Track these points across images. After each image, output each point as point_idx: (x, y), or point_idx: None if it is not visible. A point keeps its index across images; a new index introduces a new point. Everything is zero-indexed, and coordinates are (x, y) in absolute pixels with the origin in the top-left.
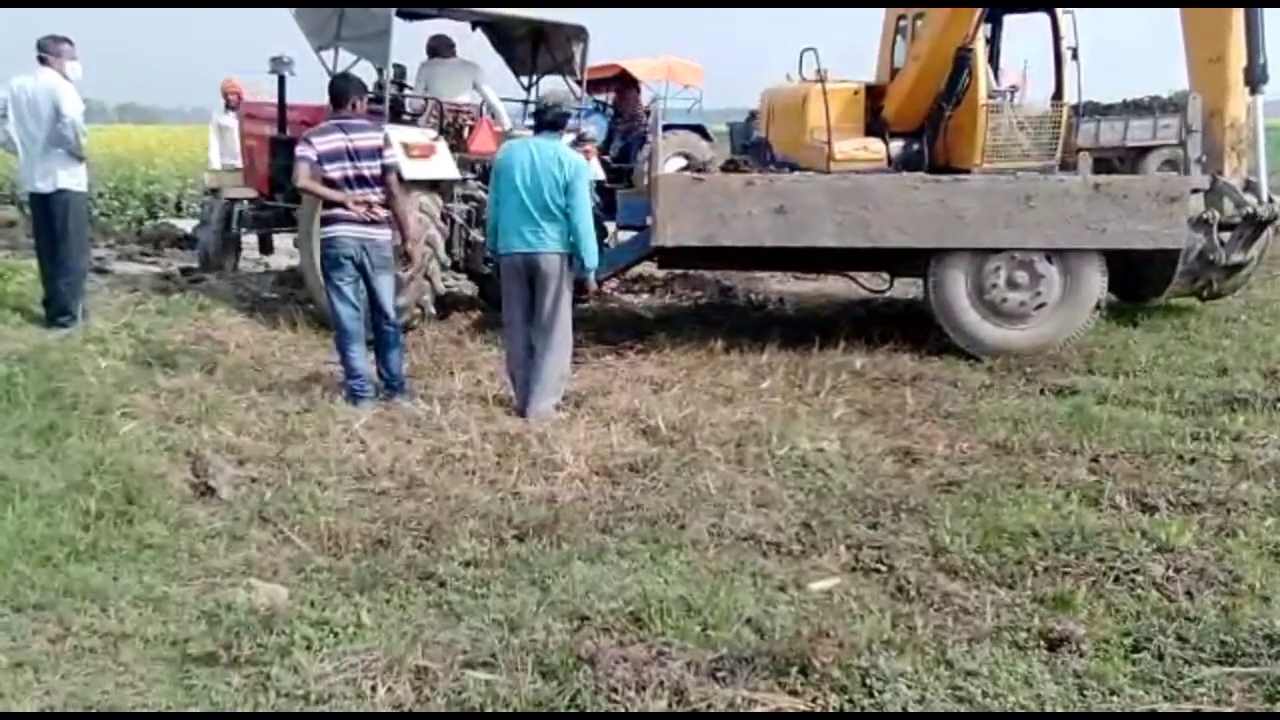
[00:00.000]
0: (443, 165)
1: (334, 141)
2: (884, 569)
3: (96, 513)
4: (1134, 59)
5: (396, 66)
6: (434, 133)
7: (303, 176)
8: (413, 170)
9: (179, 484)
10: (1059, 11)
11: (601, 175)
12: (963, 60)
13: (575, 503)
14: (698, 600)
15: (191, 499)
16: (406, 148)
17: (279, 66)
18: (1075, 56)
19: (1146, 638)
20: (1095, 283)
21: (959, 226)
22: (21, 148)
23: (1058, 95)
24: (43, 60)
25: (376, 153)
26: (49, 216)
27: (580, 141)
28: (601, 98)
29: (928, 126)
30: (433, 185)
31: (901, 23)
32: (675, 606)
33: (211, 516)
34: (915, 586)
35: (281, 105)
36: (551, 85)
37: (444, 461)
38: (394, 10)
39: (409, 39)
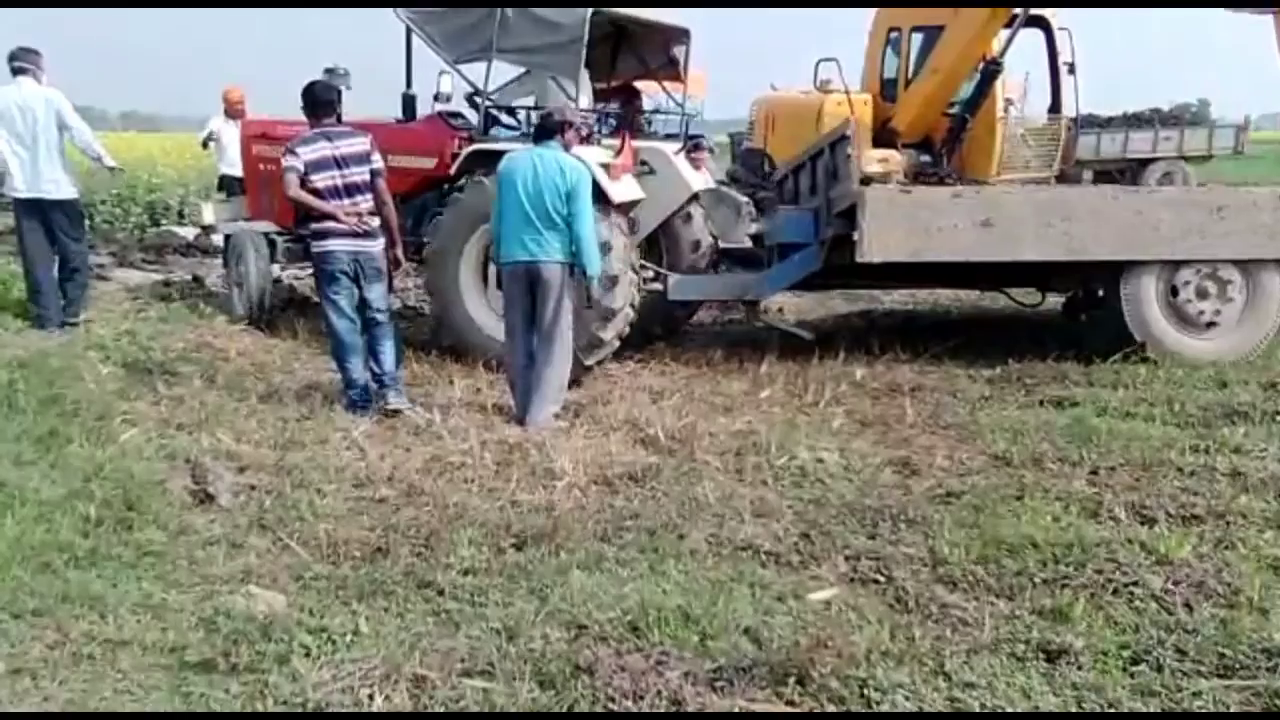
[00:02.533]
0: (635, 185)
1: (320, 150)
2: (882, 580)
3: (96, 519)
4: (1134, 72)
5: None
6: (610, 151)
7: (291, 187)
8: (620, 193)
9: (179, 491)
10: (1055, 27)
11: (700, 184)
12: (992, 73)
13: (574, 511)
14: (696, 610)
15: (191, 506)
16: (607, 170)
17: (333, 79)
18: (1072, 71)
19: (1145, 650)
20: (1277, 292)
21: (1155, 238)
22: (14, 155)
23: (1055, 108)
24: (21, 70)
25: (364, 158)
26: (52, 221)
27: (696, 149)
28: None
29: (947, 138)
30: (627, 207)
31: (893, 34)
32: (673, 616)
33: (211, 524)
34: (914, 597)
35: (337, 123)
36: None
37: (443, 469)
38: (590, 12)
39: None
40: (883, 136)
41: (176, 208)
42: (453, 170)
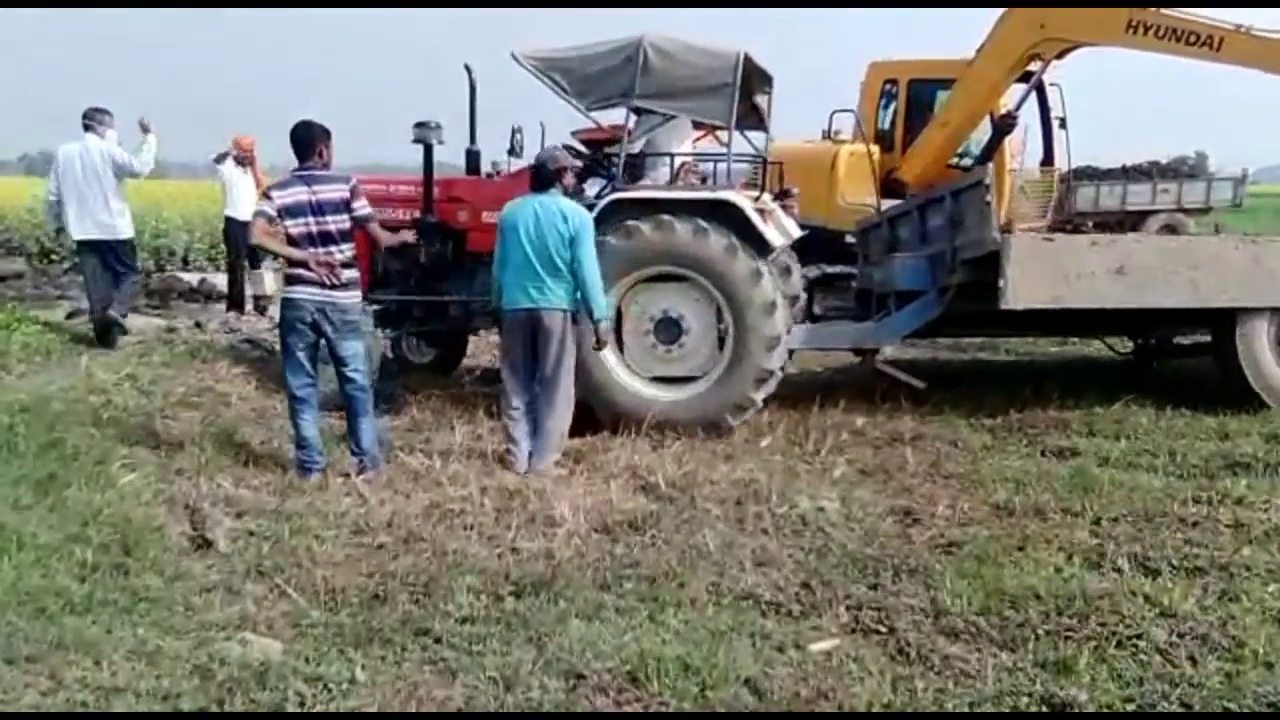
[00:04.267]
0: (778, 231)
1: (296, 195)
2: (884, 630)
3: (93, 564)
4: (1132, 125)
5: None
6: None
7: (257, 231)
8: (775, 236)
9: (176, 536)
10: (1046, 83)
11: (798, 232)
12: (1008, 126)
13: (573, 559)
14: (696, 660)
15: (189, 551)
16: (762, 214)
17: (426, 133)
18: (1063, 125)
19: (1150, 704)
20: None
21: (1271, 284)
22: (76, 202)
23: (1047, 161)
24: (88, 128)
25: (343, 205)
26: (108, 256)
27: (786, 195)
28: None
29: None
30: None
31: (888, 86)
32: (673, 666)
33: (208, 569)
34: (916, 648)
35: (428, 180)
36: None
37: (442, 516)
38: (742, 53)
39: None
40: (887, 187)
41: (181, 254)
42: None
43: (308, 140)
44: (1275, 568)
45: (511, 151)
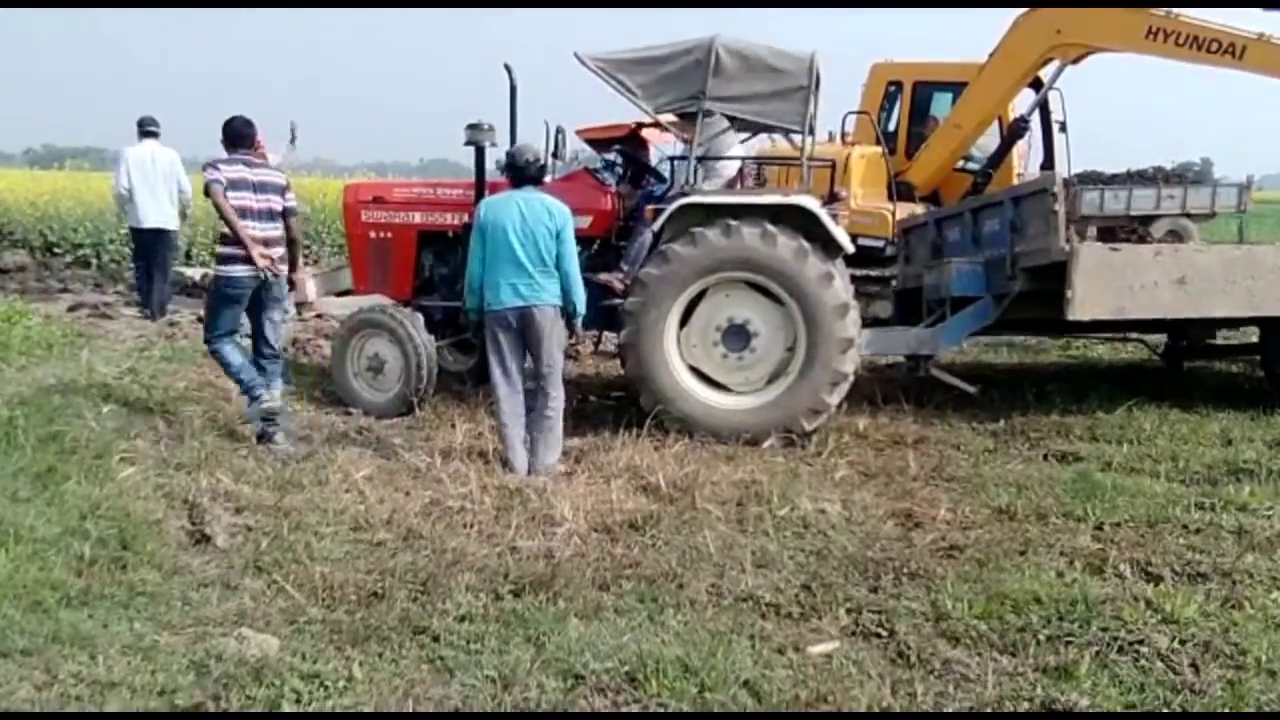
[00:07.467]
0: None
1: (239, 171)
2: (884, 634)
3: (90, 558)
4: (1138, 131)
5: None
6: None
7: (218, 194)
8: (845, 239)
9: (175, 531)
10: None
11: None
12: (1021, 131)
13: (573, 559)
14: (695, 661)
15: (187, 546)
16: (835, 219)
17: (478, 135)
18: (1063, 129)
19: (1151, 711)
20: None
21: None
22: (142, 195)
23: (1047, 165)
24: (150, 133)
25: (280, 189)
26: (161, 243)
27: (834, 199)
28: (610, 156)
29: (971, 191)
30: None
31: (891, 89)
32: (672, 667)
33: (206, 564)
34: (916, 652)
35: (479, 184)
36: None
37: (442, 514)
38: (813, 53)
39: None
40: (895, 189)
41: (184, 248)
42: (657, 226)
43: (246, 133)
44: (1278, 575)
45: (555, 154)
